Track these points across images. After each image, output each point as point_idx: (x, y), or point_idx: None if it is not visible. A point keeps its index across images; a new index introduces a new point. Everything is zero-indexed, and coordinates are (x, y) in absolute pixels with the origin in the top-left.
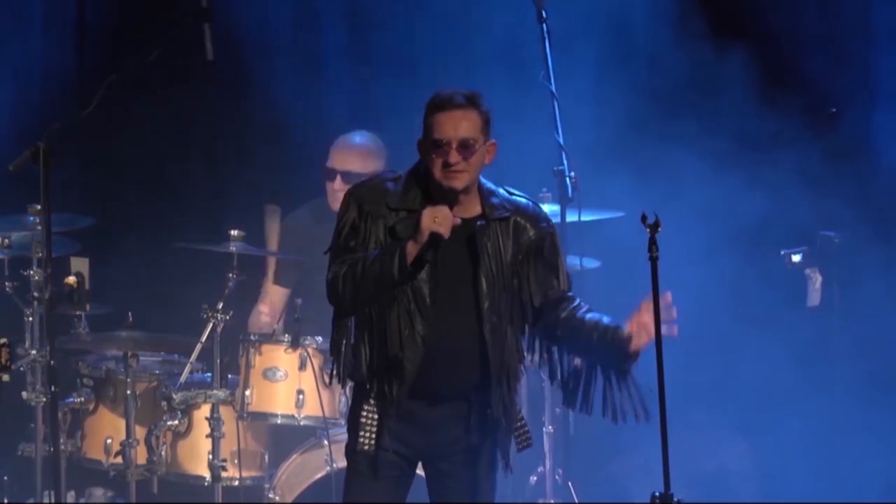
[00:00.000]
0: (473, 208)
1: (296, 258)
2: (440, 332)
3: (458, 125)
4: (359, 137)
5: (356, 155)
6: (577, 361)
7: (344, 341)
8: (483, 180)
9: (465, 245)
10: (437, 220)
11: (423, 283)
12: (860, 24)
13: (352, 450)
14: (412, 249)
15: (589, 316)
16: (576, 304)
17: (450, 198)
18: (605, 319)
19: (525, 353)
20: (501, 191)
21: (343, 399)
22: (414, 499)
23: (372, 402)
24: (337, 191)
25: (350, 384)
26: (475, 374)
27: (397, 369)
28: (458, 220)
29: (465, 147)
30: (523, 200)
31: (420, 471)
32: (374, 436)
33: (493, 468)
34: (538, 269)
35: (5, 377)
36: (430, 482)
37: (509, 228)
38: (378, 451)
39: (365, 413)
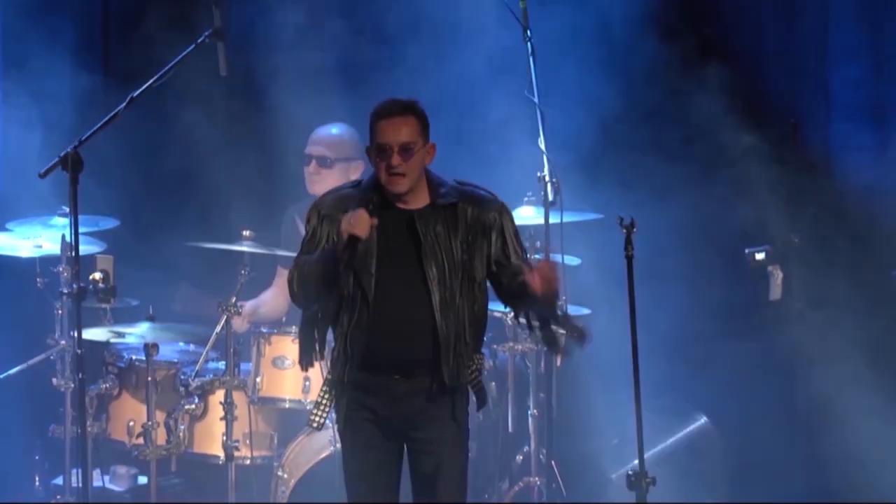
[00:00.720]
0: (422, 199)
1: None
2: (393, 311)
3: (399, 130)
4: (333, 128)
5: (328, 142)
6: (526, 314)
7: (307, 331)
8: (431, 174)
9: (410, 231)
10: (353, 223)
11: (367, 273)
12: (817, 43)
13: (339, 427)
14: (339, 249)
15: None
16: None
17: (396, 198)
18: (518, 279)
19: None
20: (450, 182)
21: None
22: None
23: (329, 383)
24: (312, 174)
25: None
26: (429, 345)
27: (348, 351)
28: (376, 221)
29: (406, 150)
30: (470, 188)
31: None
32: (325, 413)
33: (462, 435)
34: (484, 248)
35: None
36: (408, 452)
37: (456, 213)
38: (356, 424)
39: (321, 393)
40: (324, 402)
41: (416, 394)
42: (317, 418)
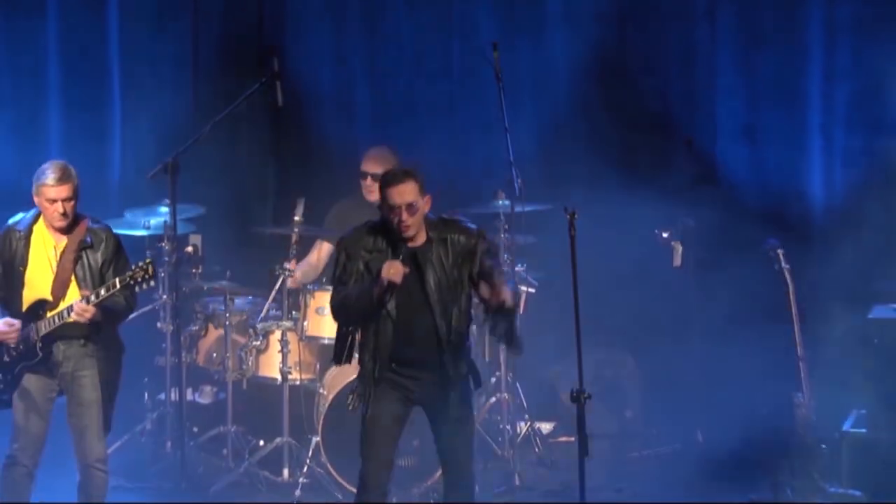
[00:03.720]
0: (421, 237)
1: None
2: (407, 323)
3: (404, 194)
4: (380, 150)
5: (379, 161)
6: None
7: (344, 337)
8: (428, 216)
9: (416, 263)
10: (391, 272)
11: (389, 299)
12: (708, 84)
13: (369, 390)
14: (378, 291)
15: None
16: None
17: (405, 240)
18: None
19: (472, 323)
20: (439, 220)
21: None
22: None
23: (362, 376)
24: (368, 186)
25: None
26: (433, 346)
27: (376, 354)
28: (408, 269)
29: (410, 207)
30: (455, 222)
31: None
32: (358, 401)
33: (468, 401)
34: (469, 267)
35: (153, 283)
36: (428, 417)
37: (447, 245)
38: (385, 392)
39: (358, 384)
40: (357, 390)
41: (431, 379)
42: (352, 404)
